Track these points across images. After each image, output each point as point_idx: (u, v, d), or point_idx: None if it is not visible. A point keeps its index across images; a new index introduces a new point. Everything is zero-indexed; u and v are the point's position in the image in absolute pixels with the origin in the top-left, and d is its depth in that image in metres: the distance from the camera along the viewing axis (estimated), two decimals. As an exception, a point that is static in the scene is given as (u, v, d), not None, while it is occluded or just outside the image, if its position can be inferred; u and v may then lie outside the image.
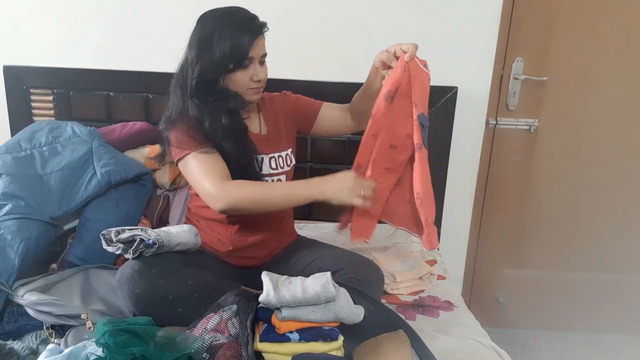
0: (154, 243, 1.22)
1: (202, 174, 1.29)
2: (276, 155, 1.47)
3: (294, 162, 1.52)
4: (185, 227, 1.35)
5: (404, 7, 1.80)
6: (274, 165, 1.46)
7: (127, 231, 1.25)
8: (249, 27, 1.31)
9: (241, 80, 1.34)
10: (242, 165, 1.36)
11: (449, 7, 1.80)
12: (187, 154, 1.31)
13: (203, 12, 1.37)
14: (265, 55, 1.36)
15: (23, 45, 1.89)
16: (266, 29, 1.35)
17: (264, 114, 1.50)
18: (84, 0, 1.84)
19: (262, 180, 1.42)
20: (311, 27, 1.84)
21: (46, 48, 1.89)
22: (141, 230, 1.25)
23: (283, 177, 1.48)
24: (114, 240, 1.23)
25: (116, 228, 1.26)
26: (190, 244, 1.33)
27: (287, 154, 1.49)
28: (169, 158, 1.41)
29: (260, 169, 1.43)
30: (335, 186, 1.24)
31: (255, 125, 1.48)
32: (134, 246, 1.22)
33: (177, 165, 1.36)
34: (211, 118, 1.32)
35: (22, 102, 1.90)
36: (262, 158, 1.43)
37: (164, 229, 1.32)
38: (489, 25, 1.82)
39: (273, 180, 1.46)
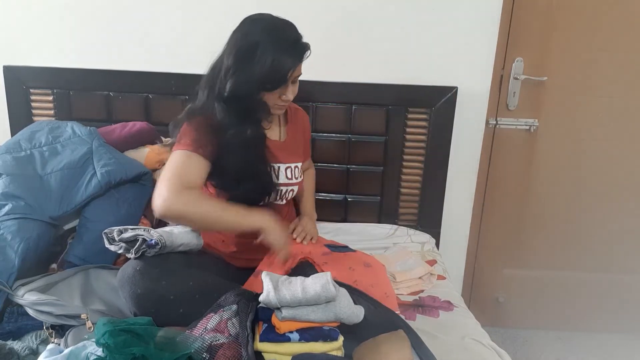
0: (157, 243, 1.22)
1: (169, 174, 1.26)
2: (292, 165, 1.48)
3: (302, 175, 1.55)
4: (188, 227, 1.35)
5: (404, 7, 1.80)
6: (289, 175, 1.47)
7: (129, 231, 1.24)
8: (293, 49, 1.29)
9: (270, 98, 1.34)
10: (256, 174, 1.36)
11: (449, 7, 1.80)
12: (178, 150, 1.30)
13: (249, 16, 1.33)
14: (299, 75, 1.36)
15: (23, 45, 1.89)
16: (309, 52, 1.33)
17: (290, 123, 1.52)
18: (84, 0, 1.84)
19: (278, 190, 1.43)
20: (311, 27, 1.83)
21: (46, 48, 1.89)
22: (144, 230, 1.24)
23: (295, 188, 1.50)
24: (117, 239, 1.23)
25: (119, 227, 1.26)
26: (193, 245, 1.33)
27: (300, 166, 1.52)
28: None
29: (277, 177, 1.44)
30: (277, 231, 1.27)
31: (275, 132, 1.49)
32: (136, 246, 1.21)
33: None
34: (235, 128, 1.31)
35: (22, 102, 1.90)
36: (279, 167, 1.44)
37: (166, 229, 1.31)
38: (489, 25, 1.82)
39: (287, 192, 1.47)
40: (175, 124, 1.38)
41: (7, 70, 1.87)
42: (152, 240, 1.22)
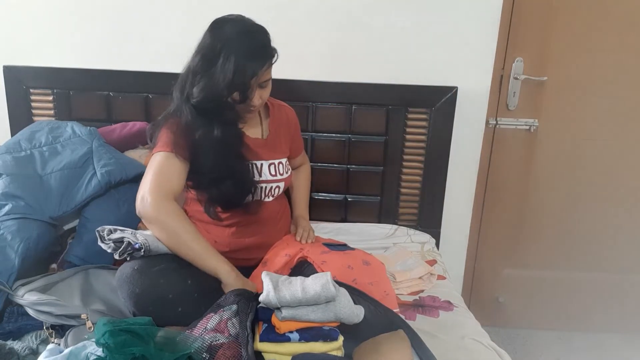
0: (140, 247, 1.23)
1: (152, 175, 1.28)
2: (276, 162, 1.47)
3: (290, 170, 1.54)
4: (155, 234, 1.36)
5: (405, 7, 1.80)
6: (273, 172, 1.46)
7: (118, 232, 1.26)
8: (257, 55, 1.27)
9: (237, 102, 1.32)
10: (233, 173, 1.35)
11: (449, 7, 1.79)
12: (156, 152, 1.31)
13: (218, 18, 1.32)
14: (268, 79, 1.34)
15: (23, 45, 1.89)
16: (275, 58, 1.31)
17: (271, 119, 1.51)
18: (84, 0, 1.84)
19: (260, 187, 1.42)
20: (311, 26, 1.84)
21: (46, 48, 1.89)
22: (131, 234, 1.26)
23: (282, 184, 1.49)
24: (106, 238, 1.25)
25: (110, 227, 1.28)
26: None
27: (285, 162, 1.51)
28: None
29: (260, 175, 1.43)
30: (236, 285, 1.25)
31: (257, 129, 1.48)
32: (121, 248, 1.23)
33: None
34: (203, 129, 1.30)
35: (22, 102, 1.90)
36: (262, 164, 1.44)
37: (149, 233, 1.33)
38: (489, 25, 1.81)
39: (272, 188, 1.46)
40: (153, 126, 1.39)
41: (7, 70, 1.87)
42: (136, 244, 1.23)
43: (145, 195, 1.25)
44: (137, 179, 1.64)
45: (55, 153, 1.58)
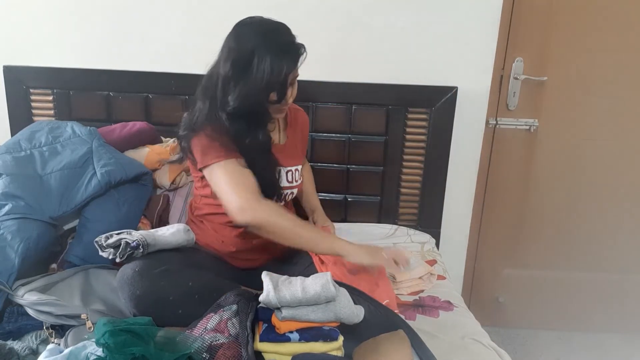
0: (138, 245, 1.24)
1: (231, 185, 1.27)
2: (293, 169, 1.48)
3: (301, 177, 1.54)
4: (174, 227, 1.36)
5: (405, 7, 1.80)
6: (289, 179, 1.47)
7: (114, 236, 1.26)
8: (289, 52, 1.27)
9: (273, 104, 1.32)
10: (267, 178, 1.35)
11: (449, 7, 1.80)
12: (215, 162, 1.29)
13: (240, 21, 1.32)
14: (298, 75, 1.34)
15: (23, 45, 1.89)
16: (305, 52, 1.31)
17: (289, 126, 1.51)
18: (84, 0, 1.84)
19: (281, 194, 1.43)
20: (310, 26, 1.83)
21: (46, 48, 1.89)
22: (127, 234, 1.26)
23: (295, 191, 1.50)
24: (104, 245, 1.26)
25: (106, 234, 1.28)
26: (183, 241, 1.35)
27: (300, 169, 1.51)
28: (187, 164, 1.41)
29: (280, 181, 1.43)
30: (360, 250, 1.28)
31: (276, 134, 1.48)
32: (120, 250, 1.23)
33: (200, 171, 1.35)
34: (251, 135, 1.31)
35: (22, 102, 1.90)
36: (280, 170, 1.44)
37: (151, 230, 1.34)
38: (489, 25, 1.82)
39: (287, 195, 1.47)
40: (184, 138, 1.36)
41: (7, 70, 1.88)
42: (133, 242, 1.23)
43: (243, 206, 1.25)
44: (137, 179, 1.65)
45: (55, 153, 1.58)
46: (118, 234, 1.27)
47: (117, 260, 1.24)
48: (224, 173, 1.29)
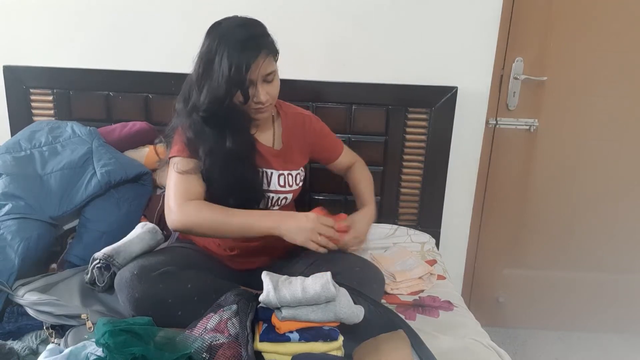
0: (107, 264, 1.30)
1: (174, 186, 1.27)
2: (286, 173, 1.44)
3: (302, 183, 1.50)
4: (139, 230, 1.41)
5: (404, 7, 1.80)
6: (282, 183, 1.43)
7: (89, 269, 1.33)
8: (246, 46, 1.21)
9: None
10: (244, 182, 1.33)
11: (449, 7, 1.80)
12: (175, 157, 1.30)
13: (215, 21, 1.31)
14: (271, 73, 1.28)
15: (23, 45, 1.89)
16: (272, 49, 1.27)
17: (284, 130, 1.46)
18: (84, 0, 1.84)
19: (267, 197, 1.40)
20: (311, 26, 1.84)
21: (46, 48, 1.89)
22: (94, 260, 1.32)
23: (290, 196, 1.46)
24: (87, 280, 1.33)
25: (84, 270, 1.36)
26: (153, 243, 1.41)
27: (297, 173, 1.47)
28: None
29: (269, 184, 1.41)
30: (292, 225, 1.24)
31: (269, 138, 1.44)
32: (94, 277, 1.31)
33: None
34: (213, 140, 1.28)
35: (22, 102, 1.90)
36: (272, 173, 1.41)
37: (124, 239, 1.38)
38: (489, 25, 1.82)
39: (279, 199, 1.44)
40: (164, 136, 1.39)
41: (7, 70, 1.87)
42: (100, 263, 1.30)
43: (169, 213, 1.26)
44: (137, 179, 1.65)
45: (55, 153, 1.58)
46: (91, 262, 1.33)
47: (100, 284, 1.31)
48: (174, 172, 1.29)
